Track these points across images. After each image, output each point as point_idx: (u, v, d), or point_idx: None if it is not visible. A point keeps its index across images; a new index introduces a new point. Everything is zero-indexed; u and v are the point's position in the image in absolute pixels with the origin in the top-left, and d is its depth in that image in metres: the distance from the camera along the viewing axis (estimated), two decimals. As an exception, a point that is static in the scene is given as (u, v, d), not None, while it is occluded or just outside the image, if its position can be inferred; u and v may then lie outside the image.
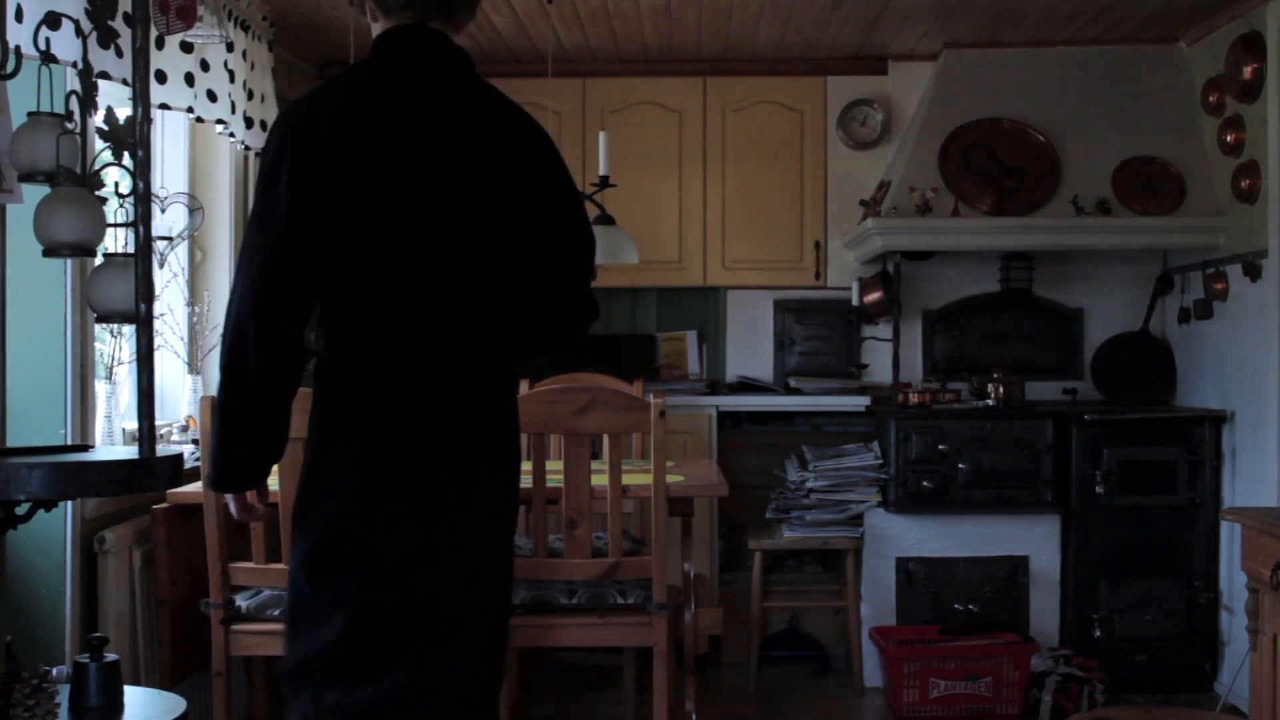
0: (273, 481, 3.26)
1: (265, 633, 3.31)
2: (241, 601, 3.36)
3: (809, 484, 4.85)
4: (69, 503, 3.24)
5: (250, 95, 4.32)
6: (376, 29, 2.36)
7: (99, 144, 2.48)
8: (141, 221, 2.35)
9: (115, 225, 2.52)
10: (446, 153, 2.25)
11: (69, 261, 3.22)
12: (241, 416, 2.22)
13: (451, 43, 2.36)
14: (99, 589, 3.39)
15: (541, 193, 2.35)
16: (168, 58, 3.66)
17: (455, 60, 2.35)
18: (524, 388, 4.47)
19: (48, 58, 2.49)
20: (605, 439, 3.29)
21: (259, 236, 2.18)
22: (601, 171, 4.26)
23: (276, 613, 3.31)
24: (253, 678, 3.90)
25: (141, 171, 2.37)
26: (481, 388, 2.31)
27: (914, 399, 4.95)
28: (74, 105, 2.41)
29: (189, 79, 3.80)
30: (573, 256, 2.41)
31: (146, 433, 2.37)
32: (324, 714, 2.20)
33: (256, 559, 3.30)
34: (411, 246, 2.22)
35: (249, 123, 4.31)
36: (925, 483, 4.78)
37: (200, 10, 3.43)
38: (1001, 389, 4.93)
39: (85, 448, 2.63)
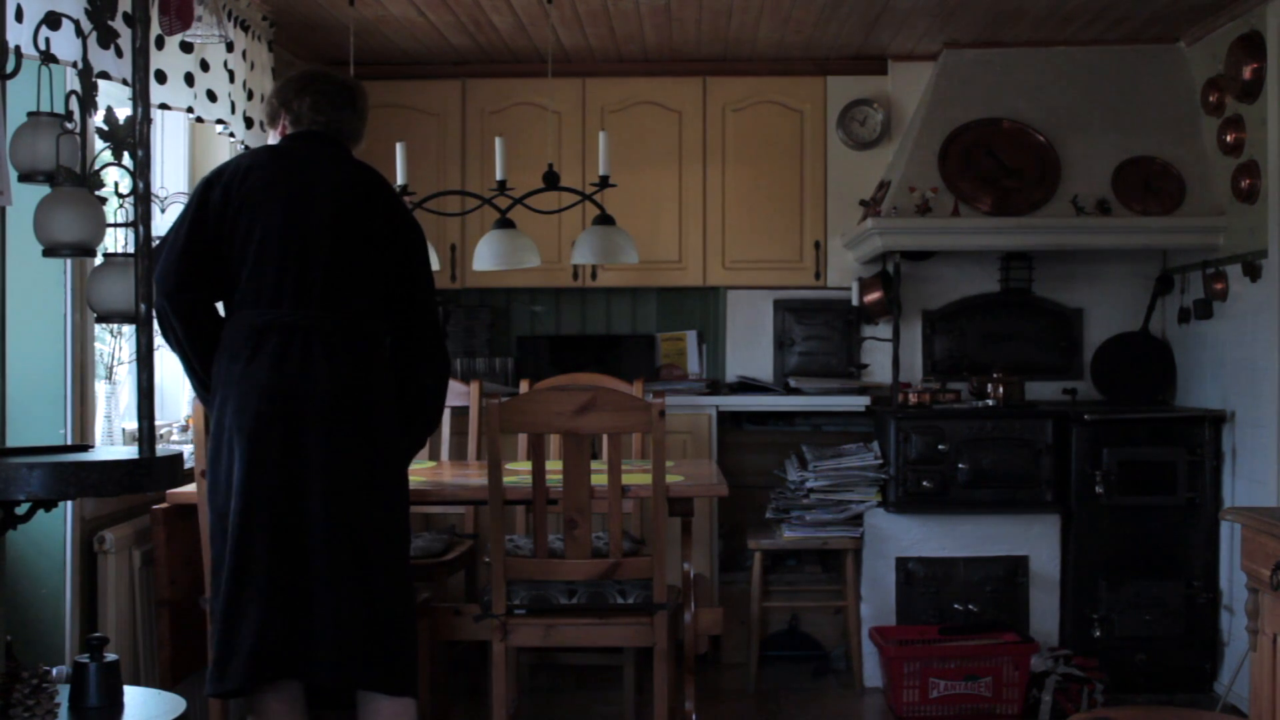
0: None
1: None
2: None
3: (809, 484, 4.85)
4: (69, 503, 3.24)
5: (250, 95, 4.32)
6: (276, 134, 3.14)
7: (99, 144, 2.48)
8: (141, 221, 2.35)
9: (115, 225, 2.51)
10: (319, 189, 2.95)
11: (69, 261, 3.23)
12: (183, 359, 2.96)
13: (338, 143, 3.09)
14: (99, 589, 3.39)
15: (391, 234, 3.00)
16: (168, 58, 3.66)
17: (345, 151, 3.10)
18: (524, 387, 4.47)
19: (48, 58, 2.49)
20: (605, 439, 3.29)
21: (166, 240, 2.96)
22: (601, 171, 4.26)
23: None
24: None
25: (141, 171, 2.37)
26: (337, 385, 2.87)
27: (914, 399, 4.95)
28: (74, 105, 2.41)
29: (189, 79, 3.80)
30: (416, 302, 3.03)
31: (146, 433, 2.37)
32: None
33: None
34: (264, 268, 2.89)
35: (249, 123, 4.31)
36: (925, 483, 4.78)
37: (200, 10, 3.43)
38: (1001, 389, 4.93)
39: (85, 448, 2.62)
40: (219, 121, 4.06)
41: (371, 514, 2.85)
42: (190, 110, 3.83)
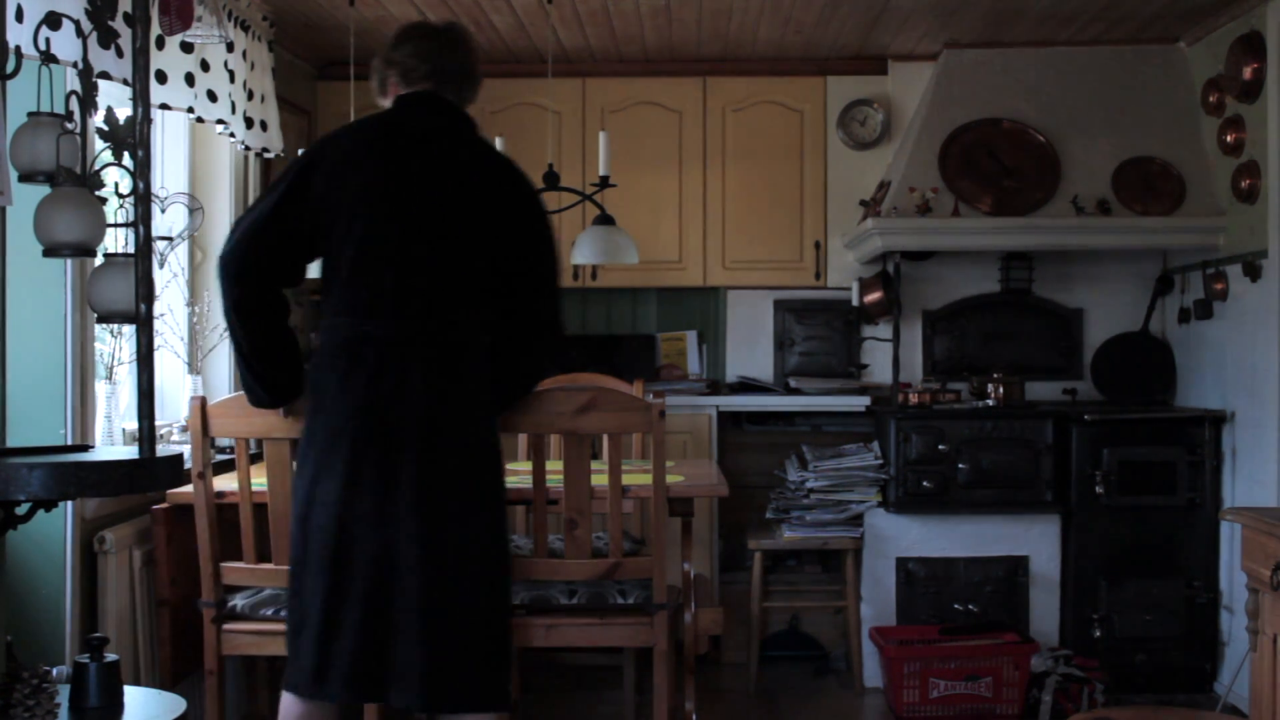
0: (259, 482, 3.25)
1: (259, 632, 3.26)
2: (238, 600, 3.33)
3: (809, 484, 4.85)
4: (69, 503, 3.24)
5: (250, 95, 4.32)
6: (390, 99, 2.94)
7: (99, 144, 2.48)
8: (141, 221, 2.35)
9: (115, 225, 2.52)
10: (431, 186, 2.77)
11: (69, 261, 3.22)
12: (237, 343, 2.82)
13: (455, 106, 2.89)
14: (99, 589, 3.39)
15: (515, 225, 2.86)
16: (168, 58, 3.66)
17: (456, 115, 2.89)
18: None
19: (48, 58, 2.49)
20: (605, 439, 3.29)
21: (252, 209, 2.82)
22: (601, 171, 4.26)
23: (270, 612, 3.27)
24: (255, 676, 3.91)
25: (141, 171, 2.37)
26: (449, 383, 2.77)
27: (914, 399, 4.95)
28: (74, 105, 2.41)
29: (189, 79, 3.80)
30: (539, 281, 2.92)
31: (146, 433, 2.37)
32: None
33: (247, 559, 3.25)
34: (370, 253, 2.74)
35: (249, 123, 4.31)
36: (925, 483, 4.78)
37: (200, 10, 3.43)
38: (1001, 389, 4.93)
39: (85, 448, 2.63)
40: (219, 121, 4.05)
41: (469, 535, 2.76)
42: (190, 110, 3.83)
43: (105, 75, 2.92)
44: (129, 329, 3.46)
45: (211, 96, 3.96)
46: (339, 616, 2.68)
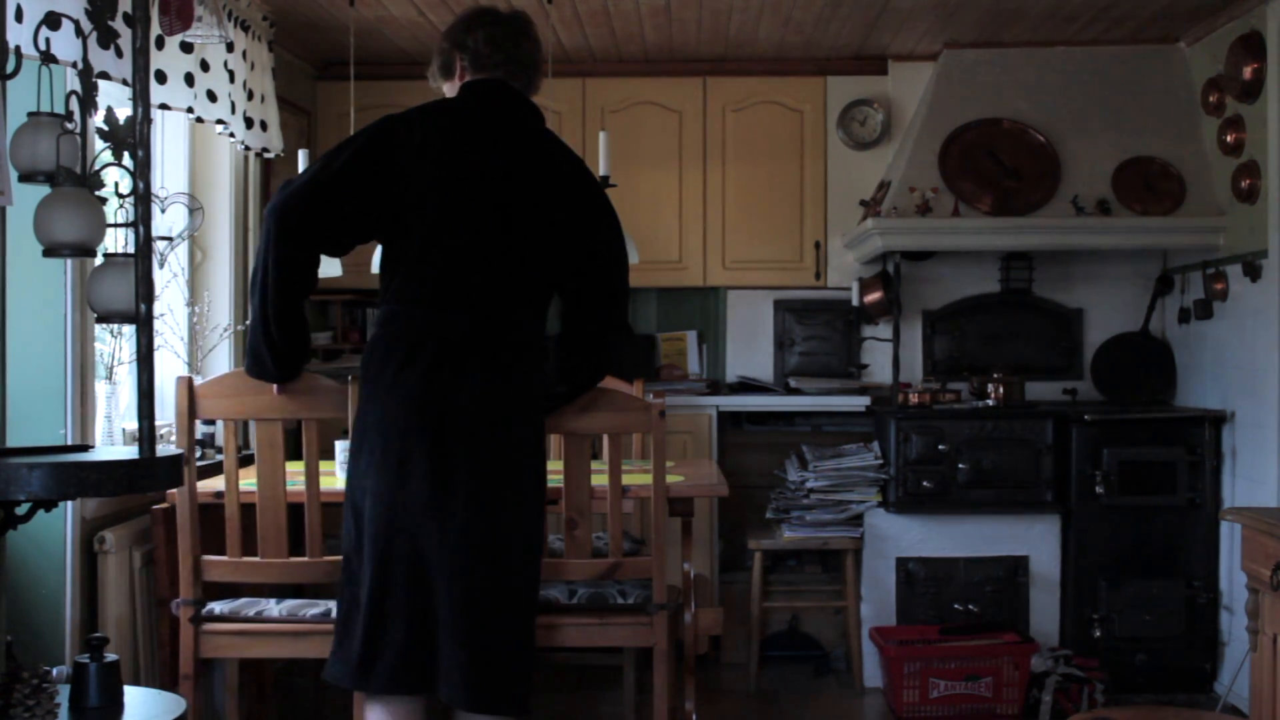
0: (248, 483, 3.24)
1: (240, 633, 3.15)
2: (215, 606, 3.18)
3: (809, 484, 4.85)
4: (69, 503, 3.24)
5: (250, 95, 4.32)
6: (455, 86, 2.91)
7: (99, 144, 2.48)
8: (141, 221, 2.35)
9: (115, 225, 2.51)
10: (503, 182, 2.76)
11: (69, 261, 3.22)
12: (263, 303, 2.75)
13: (525, 97, 2.90)
14: (99, 589, 3.39)
15: (585, 225, 2.86)
16: (168, 58, 3.66)
17: (526, 109, 2.89)
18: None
19: (48, 58, 2.49)
20: (605, 439, 3.29)
21: (310, 170, 2.76)
22: (601, 171, 4.26)
23: (253, 612, 3.18)
24: (262, 679, 3.89)
25: (141, 171, 2.37)
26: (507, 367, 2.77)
27: (914, 399, 4.95)
28: (74, 105, 2.41)
29: (189, 79, 3.80)
30: (610, 282, 2.91)
31: (146, 433, 2.37)
32: None
33: (231, 552, 3.15)
34: (438, 245, 2.72)
35: (249, 123, 4.31)
36: (925, 483, 4.78)
37: (200, 10, 3.43)
38: (1001, 389, 4.93)
39: (85, 448, 2.62)
40: (219, 122, 4.05)
41: (514, 536, 2.77)
42: (190, 110, 3.83)
43: (105, 75, 2.92)
44: (129, 329, 3.45)
45: (211, 96, 3.96)
46: (386, 608, 2.69)
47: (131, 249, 2.37)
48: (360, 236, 2.80)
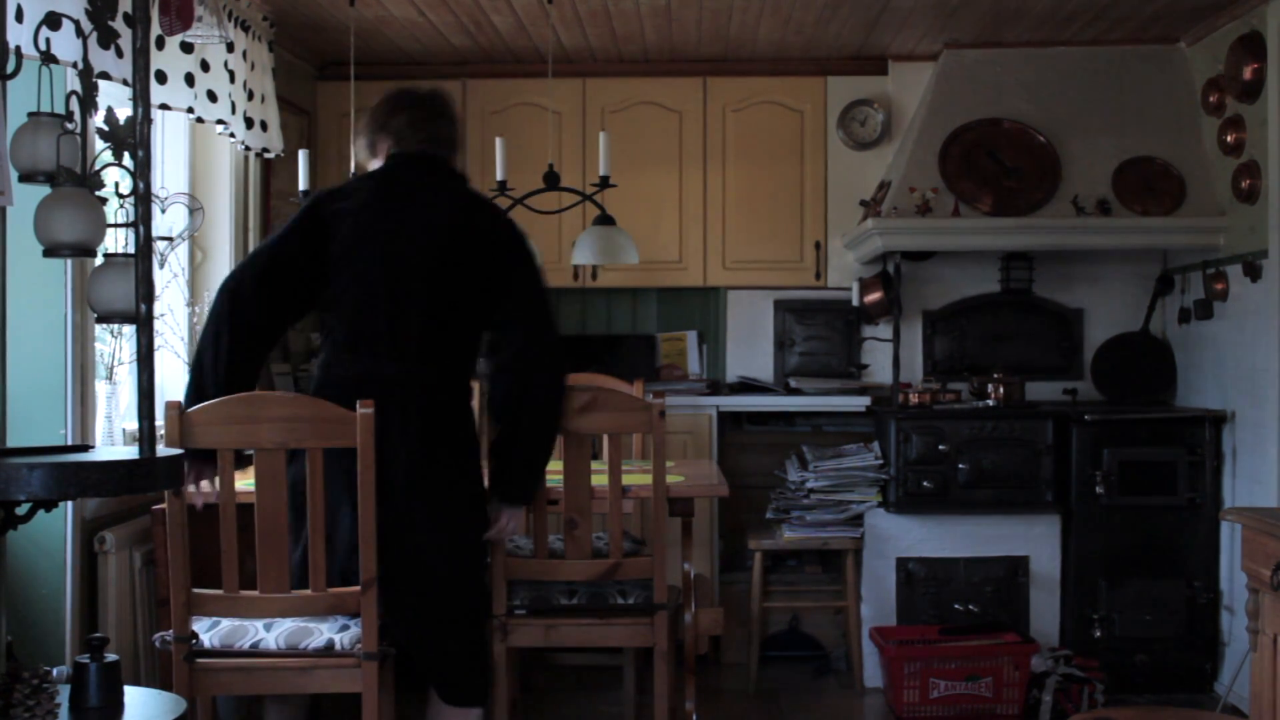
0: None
1: (237, 669, 2.88)
2: (204, 635, 2.90)
3: (809, 484, 4.85)
4: (69, 503, 3.24)
5: (250, 95, 4.32)
6: (380, 158, 3.14)
7: (99, 144, 2.48)
8: (141, 222, 2.35)
9: (115, 225, 2.51)
10: (422, 235, 2.97)
11: (69, 261, 3.22)
12: (202, 352, 2.99)
13: (444, 161, 3.11)
14: (99, 589, 3.39)
15: (504, 272, 3.02)
16: (168, 58, 3.66)
17: (445, 172, 3.11)
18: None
19: (48, 58, 2.49)
20: (605, 439, 3.29)
21: (259, 246, 3.13)
22: (601, 171, 4.26)
23: (248, 644, 2.90)
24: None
25: (141, 172, 2.37)
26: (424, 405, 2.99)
27: (914, 399, 4.94)
28: (74, 105, 2.41)
29: (189, 79, 3.80)
30: (532, 320, 3.06)
31: (146, 433, 2.37)
32: None
33: (228, 586, 2.84)
34: (357, 298, 2.97)
35: (249, 123, 4.31)
36: (925, 483, 4.78)
37: (200, 10, 3.43)
38: (1001, 389, 4.93)
39: (85, 448, 2.62)
40: (219, 122, 4.06)
41: (447, 556, 3.04)
42: (190, 110, 3.83)
43: (105, 75, 2.92)
44: (129, 329, 3.46)
45: (211, 97, 3.96)
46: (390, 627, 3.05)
47: (131, 249, 2.37)
48: (304, 299, 3.06)
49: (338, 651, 2.88)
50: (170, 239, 4.04)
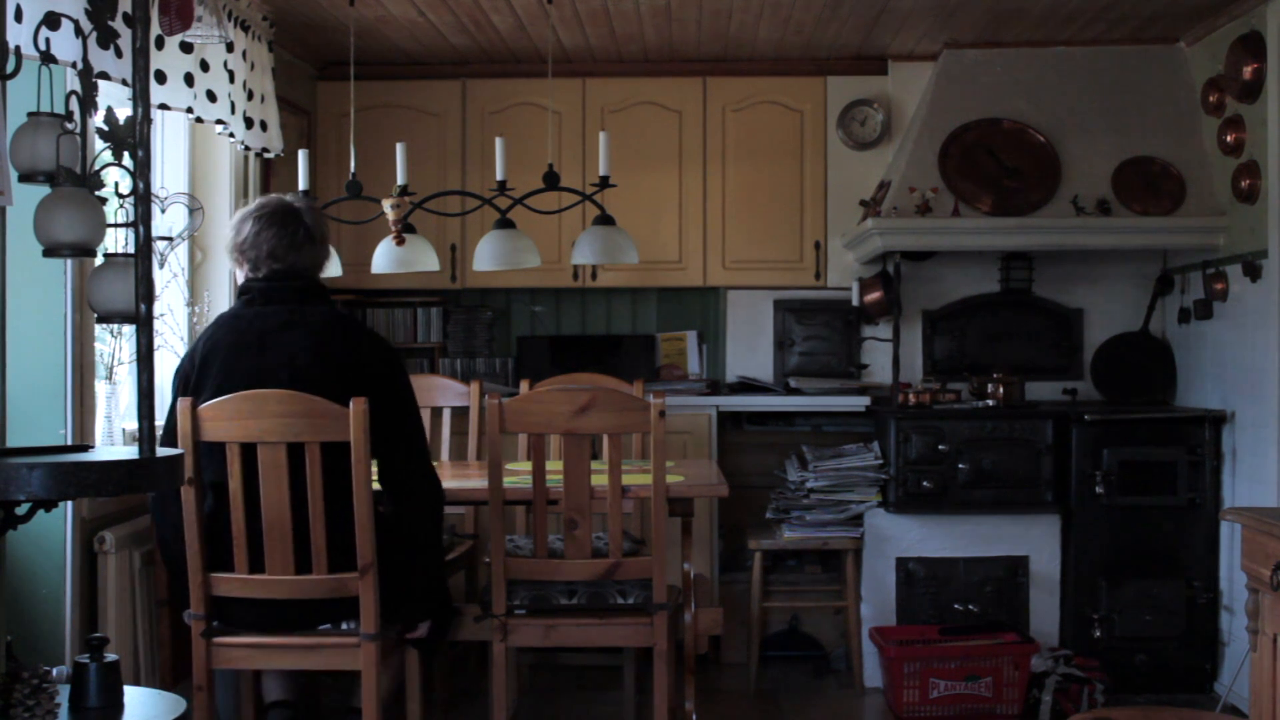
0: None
1: (252, 646, 3.09)
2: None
3: (809, 484, 4.85)
4: (69, 503, 3.23)
5: (250, 95, 4.32)
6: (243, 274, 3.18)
7: (99, 144, 2.48)
8: (141, 222, 2.35)
9: (115, 225, 2.51)
10: (282, 369, 3.00)
11: (69, 261, 3.22)
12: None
13: (299, 286, 3.12)
14: (99, 589, 3.39)
15: (368, 386, 3.02)
16: (168, 58, 3.66)
17: (296, 300, 3.11)
18: (524, 388, 4.47)
19: (48, 58, 2.49)
20: (605, 439, 3.29)
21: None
22: (601, 171, 4.25)
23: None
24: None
25: (141, 172, 2.37)
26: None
27: (914, 399, 4.95)
28: (74, 105, 2.41)
29: (189, 79, 3.80)
30: (402, 431, 3.09)
31: (146, 433, 2.37)
32: None
33: (239, 570, 3.04)
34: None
35: (249, 123, 4.31)
36: (925, 483, 4.78)
37: (200, 10, 3.43)
38: (1001, 389, 4.93)
39: (85, 448, 2.62)
40: (219, 122, 4.06)
41: None
42: (190, 110, 3.83)
43: (105, 75, 2.92)
44: (129, 329, 3.46)
45: (211, 97, 3.96)
46: None
47: (131, 249, 2.37)
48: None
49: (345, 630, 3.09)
50: (170, 239, 4.04)
